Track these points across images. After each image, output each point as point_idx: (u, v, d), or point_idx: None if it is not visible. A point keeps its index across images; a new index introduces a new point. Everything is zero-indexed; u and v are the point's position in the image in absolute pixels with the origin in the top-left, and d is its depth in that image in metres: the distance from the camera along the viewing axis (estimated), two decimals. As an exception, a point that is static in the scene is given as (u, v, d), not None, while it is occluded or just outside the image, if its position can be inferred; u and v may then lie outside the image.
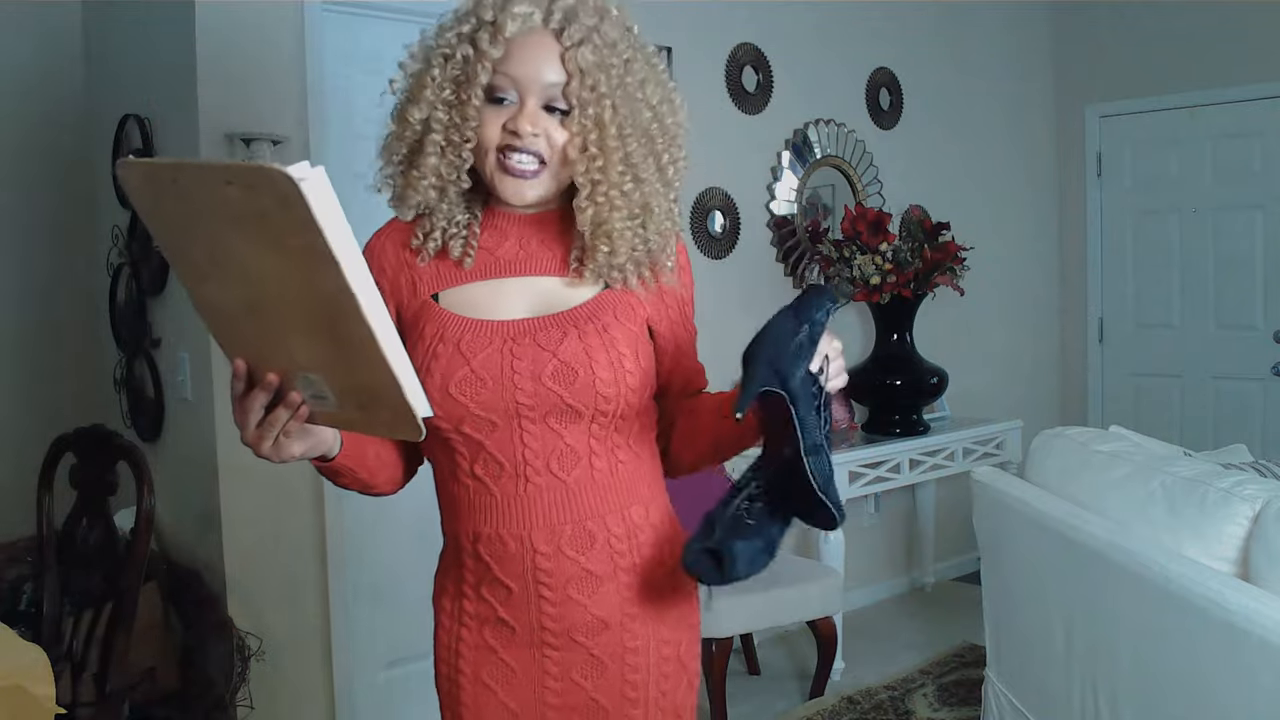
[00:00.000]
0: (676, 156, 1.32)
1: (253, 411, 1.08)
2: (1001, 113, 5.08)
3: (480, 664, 1.32)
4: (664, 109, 1.31)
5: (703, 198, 3.85)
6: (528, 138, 1.23)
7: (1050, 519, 2.39)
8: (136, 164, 0.98)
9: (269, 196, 0.89)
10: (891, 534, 4.63)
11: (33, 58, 3.22)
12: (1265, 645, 1.78)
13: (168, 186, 0.97)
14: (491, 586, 1.30)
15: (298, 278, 0.96)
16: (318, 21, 2.85)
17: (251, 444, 1.11)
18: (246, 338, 1.08)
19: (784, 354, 1.14)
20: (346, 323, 0.96)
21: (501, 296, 1.30)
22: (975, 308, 4.66)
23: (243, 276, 1.00)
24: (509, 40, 1.22)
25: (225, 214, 0.94)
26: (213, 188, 0.93)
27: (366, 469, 1.28)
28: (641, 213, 1.28)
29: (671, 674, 1.36)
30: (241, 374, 1.08)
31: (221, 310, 1.06)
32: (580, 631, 1.29)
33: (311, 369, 1.05)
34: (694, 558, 1.19)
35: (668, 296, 1.36)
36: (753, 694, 3.57)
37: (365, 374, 1.01)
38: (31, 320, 3.26)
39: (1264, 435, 4.68)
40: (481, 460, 1.27)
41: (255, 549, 2.77)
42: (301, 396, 1.08)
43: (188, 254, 1.03)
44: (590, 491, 1.28)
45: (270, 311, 1.02)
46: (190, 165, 0.96)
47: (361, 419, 1.10)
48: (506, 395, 1.24)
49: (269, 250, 0.95)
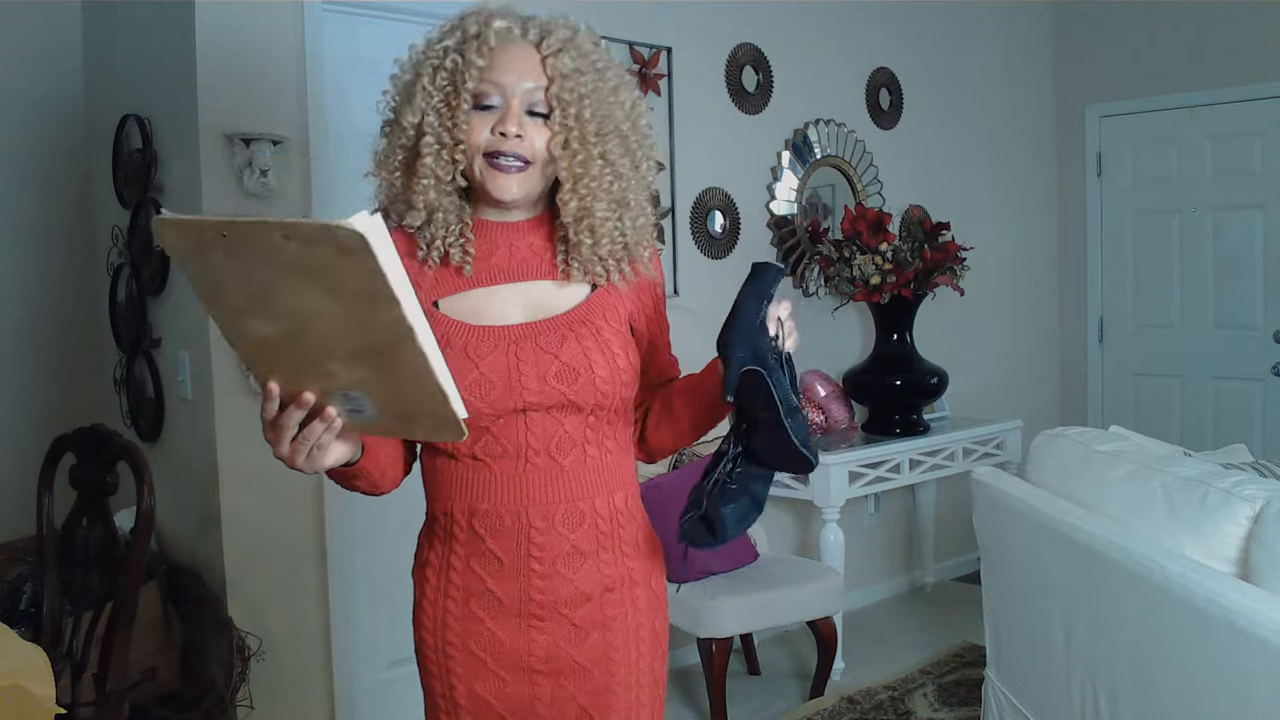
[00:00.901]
0: (649, 154, 1.42)
1: (288, 429, 1.14)
2: (1001, 113, 5.08)
3: (468, 635, 1.39)
4: (635, 112, 1.41)
5: (703, 198, 3.85)
6: (512, 139, 1.32)
7: (1050, 519, 2.39)
8: (175, 221, 1.01)
9: (329, 249, 0.96)
10: (891, 534, 4.63)
11: (33, 58, 3.21)
12: (1265, 645, 1.78)
13: (213, 240, 1.00)
14: (483, 559, 1.38)
15: (350, 315, 1.02)
16: (318, 21, 2.85)
17: (286, 459, 1.17)
18: (282, 362, 1.11)
19: (753, 332, 1.26)
20: (398, 351, 1.03)
21: (498, 302, 1.39)
22: (975, 308, 4.66)
23: (286, 314, 1.04)
24: (493, 50, 1.33)
25: (276, 262, 0.99)
26: (265, 241, 0.98)
27: (379, 469, 1.35)
28: (620, 206, 1.37)
29: (647, 640, 1.45)
30: (274, 396, 1.13)
31: (257, 341, 1.10)
32: (565, 604, 1.38)
33: (353, 388, 1.10)
34: (688, 528, 1.31)
35: (644, 294, 1.47)
36: (753, 694, 3.57)
37: (412, 391, 1.07)
38: (31, 320, 3.26)
39: (1264, 435, 4.68)
40: (484, 443, 1.35)
41: (255, 549, 2.77)
42: (336, 411, 1.13)
43: (226, 296, 1.07)
44: (582, 475, 1.38)
45: (312, 342, 1.07)
46: (242, 223, 0.99)
47: (401, 427, 1.17)
48: (514, 395, 1.33)
49: (321, 293, 1.01)
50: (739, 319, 1.27)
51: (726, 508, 1.29)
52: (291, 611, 2.83)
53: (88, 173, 3.28)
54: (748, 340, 1.26)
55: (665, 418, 1.49)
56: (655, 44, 3.67)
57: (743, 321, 1.27)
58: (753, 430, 1.30)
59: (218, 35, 2.70)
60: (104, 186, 3.15)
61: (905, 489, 4.48)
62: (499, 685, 1.38)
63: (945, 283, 3.99)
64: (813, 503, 3.71)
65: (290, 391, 1.12)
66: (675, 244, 3.76)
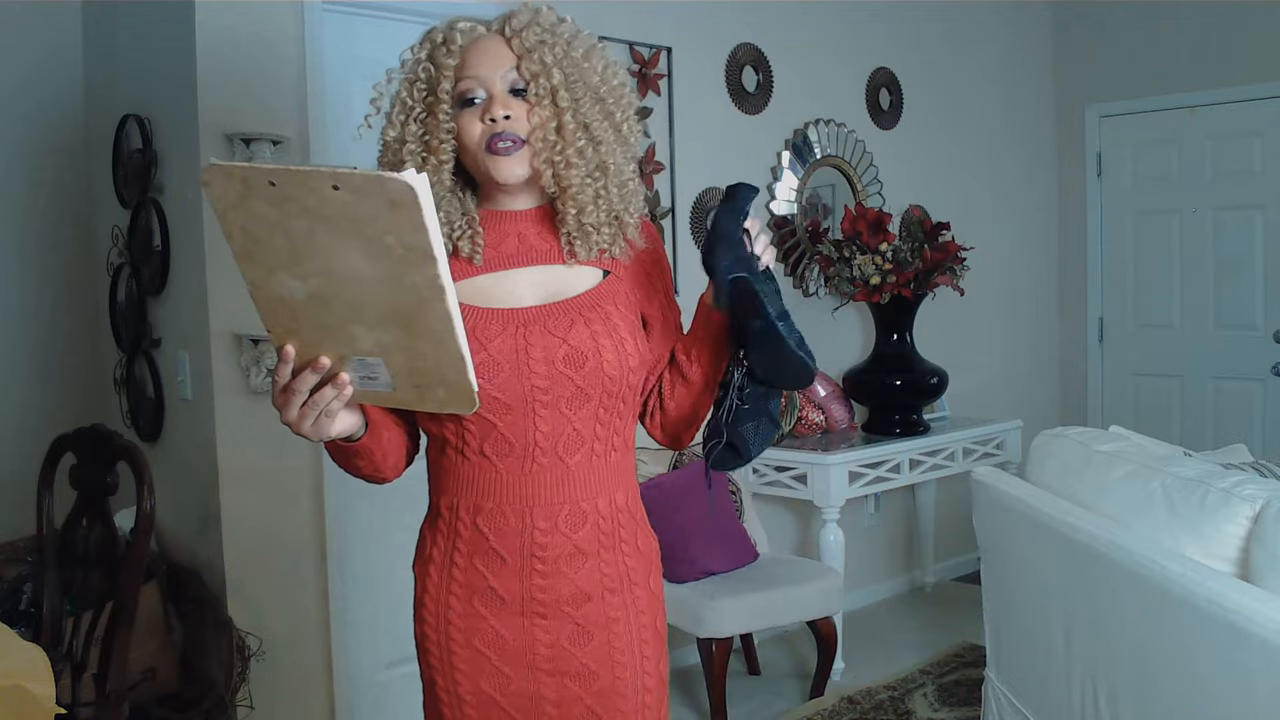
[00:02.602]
0: (629, 115, 1.42)
1: (299, 393, 1.17)
2: (1001, 113, 5.08)
3: (472, 631, 1.39)
4: (609, 74, 1.41)
5: (703, 198, 3.85)
6: (501, 121, 1.34)
7: (1050, 519, 2.39)
8: (225, 167, 1.03)
9: (379, 201, 0.99)
10: (891, 534, 4.63)
11: (33, 58, 3.21)
12: (1265, 645, 1.78)
13: (261, 189, 1.03)
14: (485, 557, 1.38)
15: (385, 274, 1.05)
16: (318, 21, 2.85)
17: (293, 424, 1.20)
18: (302, 325, 1.13)
19: (735, 244, 1.33)
20: (427, 313, 1.07)
21: (508, 286, 1.40)
22: (975, 308, 4.66)
23: (322, 271, 1.07)
24: (463, 49, 1.36)
25: (321, 215, 1.02)
26: (314, 191, 1.00)
27: (381, 450, 1.36)
28: (600, 172, 1.38)
29: (650, 641, 1.46)
30: (289, 358, 1.15)
31: (283, 300, 1.12)
32: (566, 602, 1.39)
33: (372, 354, 1.13)
34: (715, 457, 1.40)
35: (655, 282, 1.49)
36: (753, 694, 3.57)
37: (433, 357, 1.11)
38: (31, 320, 3.26)
39: (1264, 435, 4.68)
40: (492, 440, 1.36)
41: (255, 549, 2.77)
42: (349, 378, 1.16)
43: (262, 249, 1.09)
44: (587, 474, 1.39)
45: (340, 303, 1.09)
46: (294, 170, 1.01)
47: (414, 398, 1.18)
48: (523, 380, 1.33)
49: (360, 250, 1.04)
50: (720, 234, 1.33)
51: (745, 427, 1.37)
52: (291, 611, 2.83)
53: (88, 173, 3.28)
54: (730, 252, 1.32)
55: (677, 380, 1.49)
56: (655, 44, 3.67)
57: (724, 236, 1.32)
58: (749, 347, 1.35)
59: (218, 35, 2.70)
60: (104, 186, 3.15)
61: (905, 489, 4.48)
62: (504, 682, 1.39)
63: (945, 283, 3.99)
64: (813, 503, 3.71)
65: (306, 356, 1.15)
66: (675, 244, 3.76)
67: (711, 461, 1.40)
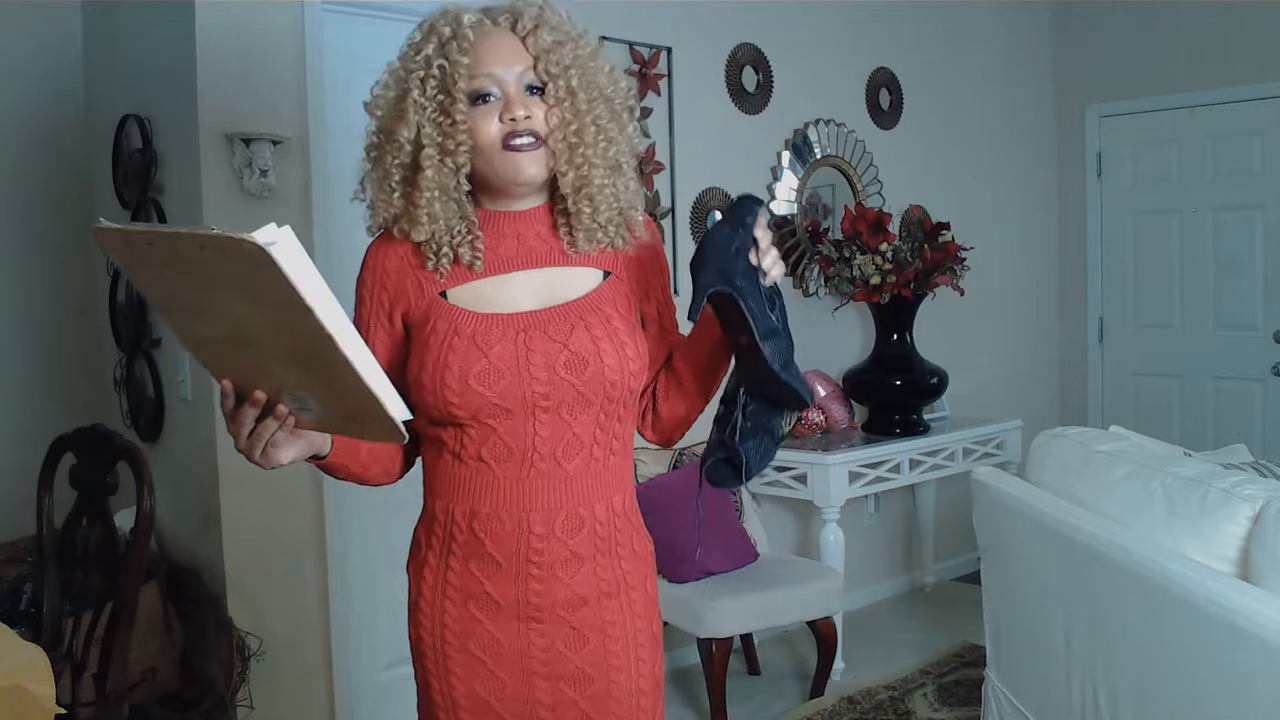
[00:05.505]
0: (633, 114, 1.44)
1: (244, 424, 1.18)
2: (1001, 113, 5.08)
3: (467, 635, 1.38)
4: (614, 74, 1.43)
5: (703, 198, 3.85)
6: (521, 120, 1.33)
7: (1050, 519, 2.39)
8: (111, 230, 1.04)
9: (242, 261, 0.97)
10: (891, 534, 4.63)
11: (33, 58, 3.22)
12: (1265, 645, 1.78)
13: (143, 249, 1.04)
14: (481, 562, 1.37)
15: (277, 323, 1.05)
16: (318, 21, 2.85)
17: (244, 452, 1.21)
18: (234, 363, 1.15)
19: (725, 257, 1.27)
20: (325, 357, 1.05)
21: (508, 290, 1.38)
22: (975, 308, 4.66)
23: (226, 319, 1.07)
24: (474, 45, 1.34)
25: (204, 272, 1.02)
26: (188, 252, 1.00)
27: (360, 464, 1.38)
28: (614, 171, 1.39)
29: (646, 645, 1.45)
30: (230, 392, 1.17)
31: (207, 343, 1.14)
32: (562, 607, 1.38)
33: (298, 389, 1.14)
34: (714, 471, 1.37)
35: (654, 280, 1.48)
36: (753, 694, 3.57)
37: (348, 395, 1.10)
38: (32, 320, 3.26)
39: (1264, 435, 4.68)
40: (490, 445, 1.35)
41: (255, 549, 2.77)
42: (288, 409, 1.17)
43: (171, 301, 1.11)
44: (585, 479, 1.38)
45: (255, 346, 1.10)
46: (165, 233, 1.02)
47: (351, 427, 1.20)
48: (524, 385, 1.32)
49: (249, 302, 1.03)
50: (708, 244, 1.28)
51: (746, 445, 1.35)
52: (291, 611, 2.83)
53: (88, 173, 3.28)
54: (715, 262, 1.26)
55: (672, 384, 1.49)
56: (655, 44, 3.67)
57: (712, 245, 1.27)
58: (739, 362, 1.32)
59: (218, 35, 2.70)
60: (104, 186, 3.15)
61: (905, 489, 4.47)
62: (499, 686, 1.38)
63: (945, 283, 3.99)
64: (813, 503, 3.71)
65: (244, 389, 1.16)
66: (675, 244, 3.76)
67: (708, 473, 1.38)
